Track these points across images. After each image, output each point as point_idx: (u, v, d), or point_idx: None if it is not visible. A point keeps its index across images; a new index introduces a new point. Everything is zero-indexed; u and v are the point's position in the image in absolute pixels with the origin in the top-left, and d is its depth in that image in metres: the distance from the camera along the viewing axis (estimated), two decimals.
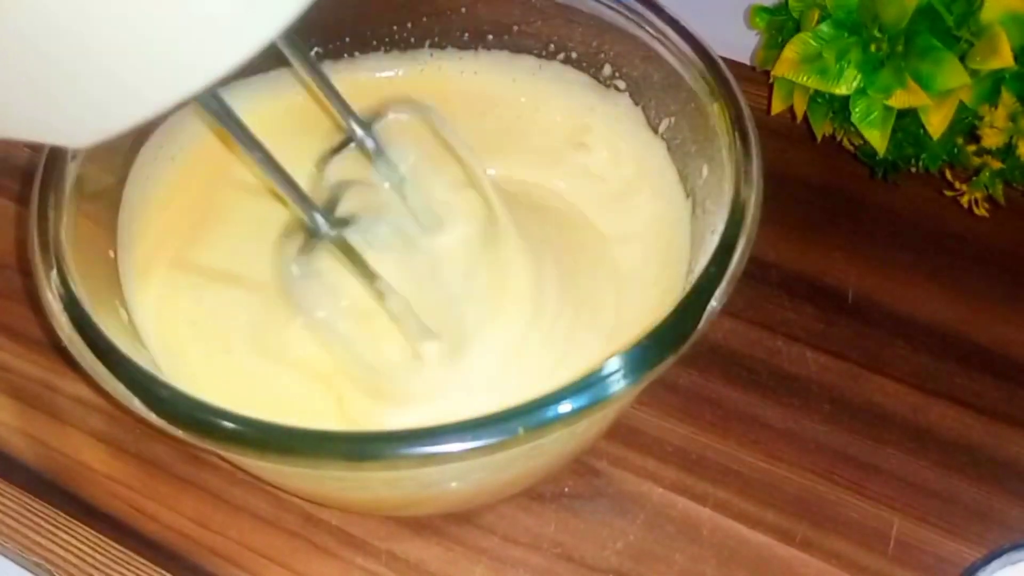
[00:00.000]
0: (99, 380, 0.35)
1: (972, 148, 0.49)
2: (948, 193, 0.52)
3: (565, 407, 0.33)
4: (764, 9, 0.55)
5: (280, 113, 0.50)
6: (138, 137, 0.46)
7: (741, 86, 0.42)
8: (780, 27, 0.54)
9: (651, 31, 0.45)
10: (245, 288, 0.45)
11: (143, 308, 0.44)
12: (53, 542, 0.44)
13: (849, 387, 0.48)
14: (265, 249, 0.46)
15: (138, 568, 0.43)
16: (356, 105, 0.43)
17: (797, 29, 0.51)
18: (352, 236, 0.39)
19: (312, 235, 0.37)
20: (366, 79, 0.52)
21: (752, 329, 0.50)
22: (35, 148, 0.45)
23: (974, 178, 0.50)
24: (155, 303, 0.44)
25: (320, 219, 0.37)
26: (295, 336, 0.43)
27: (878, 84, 0.48)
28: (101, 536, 0.44)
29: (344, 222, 0.39)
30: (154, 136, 0.46)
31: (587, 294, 0.44)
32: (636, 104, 0.49)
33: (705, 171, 0.44)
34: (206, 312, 0.44)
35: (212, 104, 0.33)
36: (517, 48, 0.51)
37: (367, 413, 0.41)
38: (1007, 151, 0.48)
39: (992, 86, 0.47)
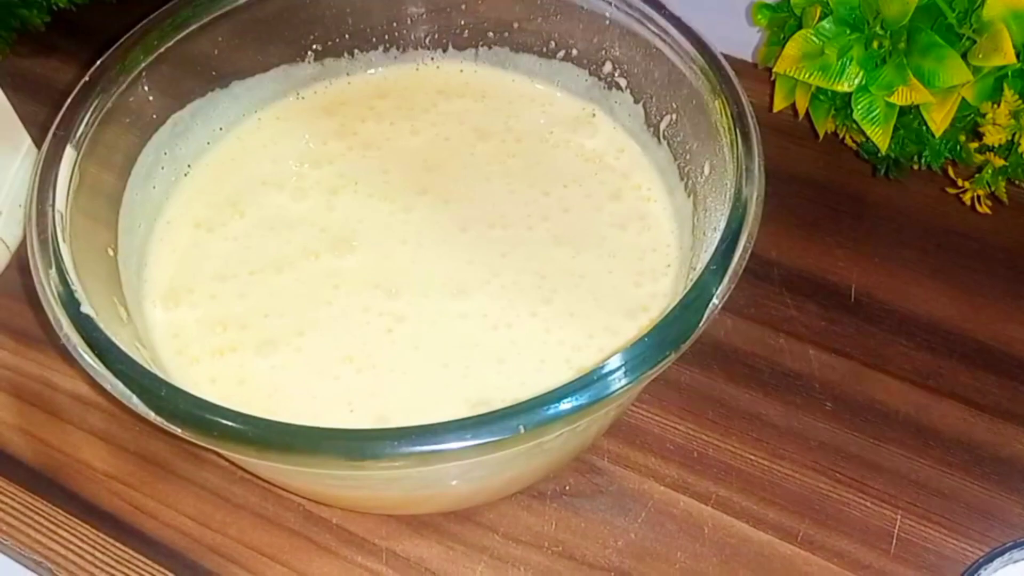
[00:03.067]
0: (98, 378, 0.35)
1: (974, 145, 0.49)
2: (951, 190, 0.51)
3: (566, 405, 0.33)
4: (766, 6, 0.55)
5: None
6: (141, 135, 0.46)
7: (743, 83, 0.42)
8: (782, 24, 0.54)
9: (652, 28, 0.45)
10: (248, 287, 0.45)
11: (144, 306, 0.44)
12: (53, 540, 0.44)
13: (851, 385, 0.48)
14: (269, 248, 0.46)
15: (138, 566, 0.43)
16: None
17: (799, 26, 0.51)
18: None
19: None
20: (365, 76, 0.52)
21: (754, 327, 0.50)
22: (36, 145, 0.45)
23: (977, 175, 0.50)
24: (157, 302, 0.44)
25: None
26: (310, 333, 0.43)
27: (880, 81, 0.48)
28: (101, 534, 0.44)
29: None
30: (157, 135, 0.46)
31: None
32: (637, 102, 0.49)
33: (707, 168, 0.43)
34: (208, 310, 0.44)
35: None
36: (517, 46, 0.51)
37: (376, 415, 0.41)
38: (1009, 148, 0.48)
39: (994, 83, 0.47)
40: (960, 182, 0.51)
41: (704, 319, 0.36)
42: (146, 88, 0.45)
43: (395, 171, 0.49)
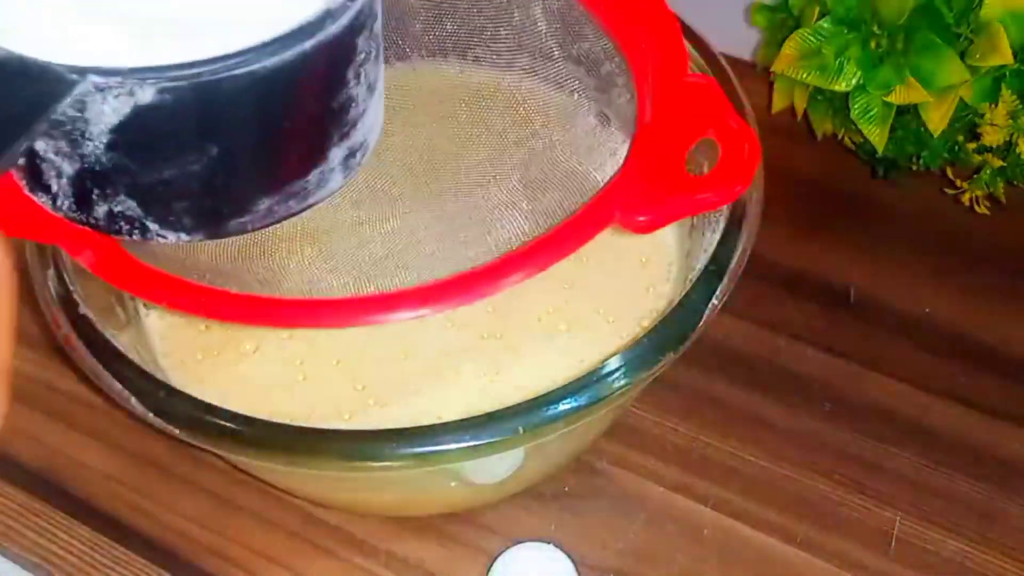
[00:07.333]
0: (97, 379, 0.35)
1: (973, 146, 0.49)
2: (949, 191, 0.51)
3: (565, 406, 0.33)
4: (764, 7, 0.55)
5: None
6: None
7: (741, 84, 0.42)
8: (781, 24, 0.54)
9: None
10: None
11: (140, 307, 0.44)
12: (51, 542, 0.44)
13: (851, 386, 0.48)
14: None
15: (137, 568, 0.43)
16: None
17: (797, 26, 0.51)
18: None
19: None
20: None
21: (753, 328, 0.50)
22: None
23: (975, 176, 0.50)
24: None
25: None
26: (299, 336, 0.43)
27: (878, 80, 0.48)
28: (100, 536, 0.44)
29: None
30: None
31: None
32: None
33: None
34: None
35: None
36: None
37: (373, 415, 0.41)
38: (1007, 149, 0.48)
39: (992, 83, 0.47)
40: (958, 183, 0.51)
41: (703, 320, 0.36)
42: None
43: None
